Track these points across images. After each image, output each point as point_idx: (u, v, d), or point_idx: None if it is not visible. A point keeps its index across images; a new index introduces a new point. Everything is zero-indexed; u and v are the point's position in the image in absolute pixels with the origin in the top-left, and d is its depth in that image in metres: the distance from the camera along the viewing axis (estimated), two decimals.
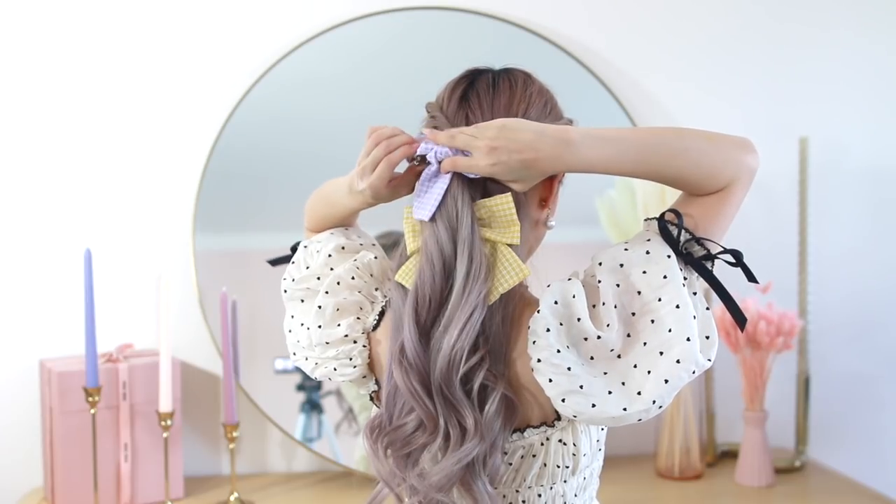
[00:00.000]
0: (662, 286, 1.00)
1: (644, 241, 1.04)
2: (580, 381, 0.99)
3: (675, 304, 0.99)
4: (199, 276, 1.99)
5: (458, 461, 1.00)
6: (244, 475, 2.04)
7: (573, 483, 1.09)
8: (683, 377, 0.98)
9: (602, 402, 0.99)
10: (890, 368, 2.26)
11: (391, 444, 1.04)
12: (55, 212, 1.98)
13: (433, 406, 1.01)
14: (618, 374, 1.00)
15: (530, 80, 1.11)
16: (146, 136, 2.01)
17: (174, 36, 2.01)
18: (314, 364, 1.16)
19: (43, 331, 1.97)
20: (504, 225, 1.04)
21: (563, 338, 1.00)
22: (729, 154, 1.04)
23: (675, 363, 0.98)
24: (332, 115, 2.03)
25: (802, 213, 2.12)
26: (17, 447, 1.98)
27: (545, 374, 1.00)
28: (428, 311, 1.02)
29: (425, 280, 1.02)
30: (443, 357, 1.01)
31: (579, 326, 1.00)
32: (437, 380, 1.01)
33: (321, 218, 1.23)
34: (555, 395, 1.00)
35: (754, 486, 1.97)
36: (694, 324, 0.99)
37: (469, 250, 1.01)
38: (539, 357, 1.00)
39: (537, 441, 1.05)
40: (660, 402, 0.99)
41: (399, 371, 1.03)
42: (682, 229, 1.04)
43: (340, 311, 1.13)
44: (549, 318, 1.00)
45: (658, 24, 2.14)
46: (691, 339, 0.98)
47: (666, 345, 0.99)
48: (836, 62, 2.20)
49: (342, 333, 1.13)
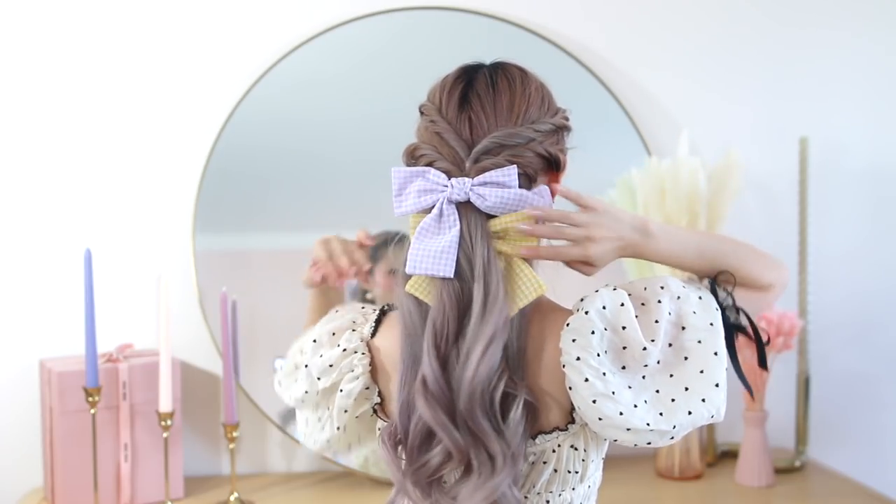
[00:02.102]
0: (706, 331, 1.04)
1: (698, 288, 1.08)
2: (613, 387, 1.00)
3: (714, 352, 1.03)
4: (199, 276, 1.99)
5: (489, 494, 0.99)
6: (244, 475, 2.04)
7: (580, 490, 1.09)
8: (704, 416, 1.02)
9: (628, 412, 1.00)
10: (890, 368, 2.26)
11: (416, 482, 1.04)
12: (55, 212, 1.98)
13: (461, 438, 1.01)
14: (644, 393, 1.02)
15: (527, 78, 1.10)
16: (146, 137, 2.01)
17: (174, 36, 2.01)
18: (328, 421, 1.16)
19: (43, 331, 1.97)
20: (520, 239, 1.04)
21: (605, 343, 1.02)
22: (769, 266, 1.17)
23: (700, 401, 1.02)
24: (332, 115, 2.03)
25: (802, 213, 2.12)
26: (17, 447, 1.98)
27: (582, 374, 1.00)
28: (446, 343, 1.02)
29: (444, 310, 1.02)
30: (465, 387, 1.00)
31: (623, 335, 1.02)
32: (462, 411, 1.00)
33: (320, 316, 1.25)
34: (587, 395, 1.00)
35: (754, 486, 1.97)
36: (724, 374, 1.03)
37: (484, 276, 1.01)
38: (579, 356, 1.00)
39: (549, 447, 1.06)
40: (678, 429, 1.02)
41: (425, 404, 1.01)
42: (730, 294, 1.10)
43: (336, 334, 1.14)
44: (597, 321, 1.01)
45: (657, 23, 2.14)
46: (720, 387, 1.03)
47: (695, 382, 1.02)
48: (836, 62, 2.20)
49: (341, 350, 1.13)
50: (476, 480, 1.00)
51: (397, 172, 1.06)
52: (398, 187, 1.06)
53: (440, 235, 1.03)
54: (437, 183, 1.04)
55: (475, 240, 1.02)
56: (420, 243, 1.03)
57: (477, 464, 1.00)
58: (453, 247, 1.02)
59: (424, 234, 1.03)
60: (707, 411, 1.02)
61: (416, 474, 1.04)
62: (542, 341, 1.05)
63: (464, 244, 1.02)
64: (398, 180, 1.06)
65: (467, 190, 1.02)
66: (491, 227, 1.03)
